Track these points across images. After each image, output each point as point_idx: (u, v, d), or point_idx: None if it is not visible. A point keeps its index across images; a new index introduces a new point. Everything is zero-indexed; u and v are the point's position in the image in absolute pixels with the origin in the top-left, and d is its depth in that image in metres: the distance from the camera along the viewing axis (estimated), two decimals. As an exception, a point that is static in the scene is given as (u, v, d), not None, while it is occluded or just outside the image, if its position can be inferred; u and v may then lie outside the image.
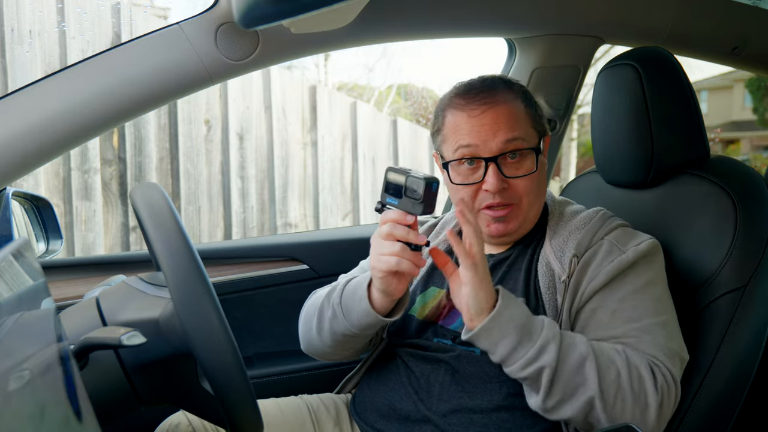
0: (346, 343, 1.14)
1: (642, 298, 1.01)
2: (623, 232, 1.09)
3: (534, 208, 1.13)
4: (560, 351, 0.93)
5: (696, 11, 1.62)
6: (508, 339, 0.93)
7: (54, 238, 1.49)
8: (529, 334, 0.93)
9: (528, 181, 1.09)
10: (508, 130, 1.07)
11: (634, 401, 0.93)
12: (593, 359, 0.93)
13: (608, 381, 0.93)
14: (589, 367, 0.93)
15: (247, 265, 1.62)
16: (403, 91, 9.85)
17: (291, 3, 0.97)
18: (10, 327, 0.48)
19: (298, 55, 1.31)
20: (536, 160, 1.10)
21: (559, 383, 0.93)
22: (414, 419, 1.07)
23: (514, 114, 1.09)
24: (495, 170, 1.06)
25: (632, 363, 0.95)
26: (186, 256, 0.77)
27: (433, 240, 1.28)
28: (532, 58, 1.63)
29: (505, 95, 1.11)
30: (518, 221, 1.11)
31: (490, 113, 1.07)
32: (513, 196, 1.09)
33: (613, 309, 1.01)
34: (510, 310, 0.93)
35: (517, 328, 0.93)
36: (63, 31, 2.93)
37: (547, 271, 1.08)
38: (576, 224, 1.11)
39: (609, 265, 1.03)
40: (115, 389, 0.84)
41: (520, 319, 0.94)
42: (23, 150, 1.09)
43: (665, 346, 0.98)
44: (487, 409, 1.03)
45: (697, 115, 1.22)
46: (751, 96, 14.74)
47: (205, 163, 3.70)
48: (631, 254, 1.04)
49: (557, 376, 0.93)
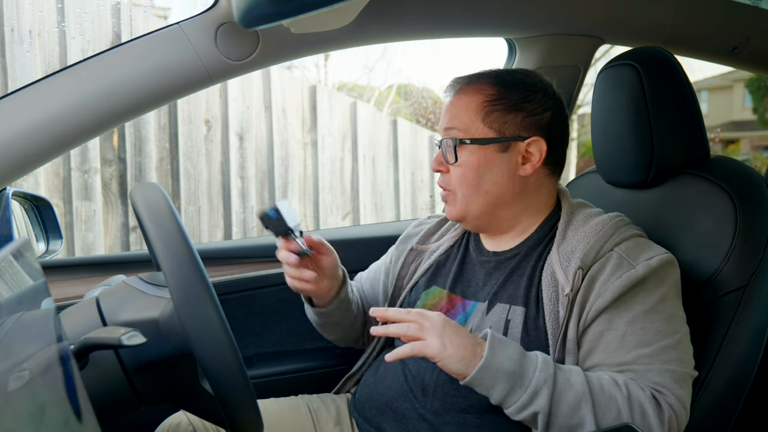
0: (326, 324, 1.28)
1: (653, 319, 0.98)
2: (635, 244, 1.03)
3: (474, 203, 1.11)
4: (554, 394, 0.92)
5: (696, 11, 1.62)
6: (500, 387, 0.92)
7: (54, 238, 1.49)
8: (521, 379, 0.92)
9: (457, 170, 1.11)
10: (450, 118, 1.13)
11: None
12: (589, 400, 0.92)
13: (607, 420, 0.92)
14: (585, 409, 0.92)
15: (247, 265, 1.61)
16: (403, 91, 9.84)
17: (291, 3, 0.97)
18: (10, 327, 0.48)
19: (298, 55, 1.31)
20: (455, 151, 1.10)
21: (555, 426, 0.93)
22: (410, 417, 1.08)
23: (463, 104, 1.12)
24: (438, 152, 1.15)
25: (634, 398, 0.93)
26: (186, 256, 0.77)
27: (439, 238, 1.29)
28: (532, 58, 1.63)
29: (471, 86, 1.13)
30: (456, 209, 1.14)
31: (451, 101, 1.15)
32: (448, 182, 1.14)
33: (623, 332, 0.97)
34: (498, 359, 0.92)
35: (508, 376, 0.92)
36: (63, 31, 2.93)
37: (551, 281, 1.04)
38: (586, 231, 1.06)
39: (617, 281, 0.98)
40: (115, 389, 0.84)
41: (510, 365, 0.92)
42: (23, 150, 1.09)
43: (676, 370, 0.96)
44: (481, 409, 1.02)
45: (697, 115, 1.22)
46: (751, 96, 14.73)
47: (205, 163, 3.70)
48: (642, 269, 0.98)
49: (552, 419, 0.92)
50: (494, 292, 1.10)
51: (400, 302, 1.24)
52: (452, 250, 1.24)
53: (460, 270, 1.19)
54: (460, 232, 1.26)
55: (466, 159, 1.10)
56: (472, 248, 1.20)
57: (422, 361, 1.10)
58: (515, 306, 1.06)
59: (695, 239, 1.13)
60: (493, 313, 1.07)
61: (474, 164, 1.10)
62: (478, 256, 1.18)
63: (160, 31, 1.17)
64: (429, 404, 1.06)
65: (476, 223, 1.16)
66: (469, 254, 1.20)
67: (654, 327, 0.97)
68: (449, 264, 1.21)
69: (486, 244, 1.19)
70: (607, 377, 0.95)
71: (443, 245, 1.25)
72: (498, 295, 1.09)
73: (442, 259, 1.23)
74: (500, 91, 1.11)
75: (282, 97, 4.12)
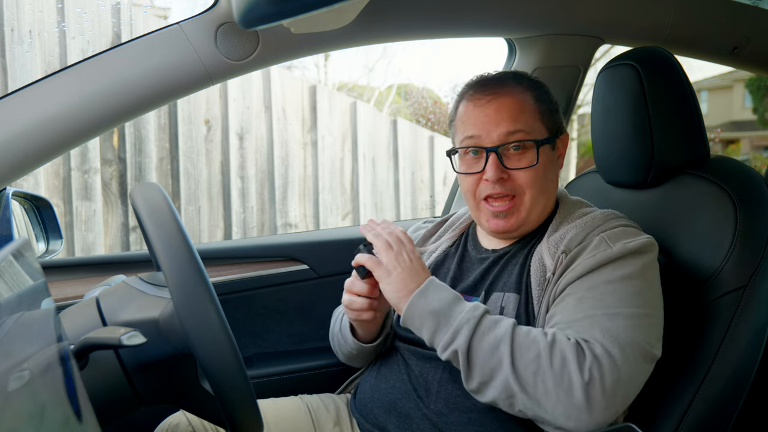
0: (360, 355, 1.25)
1: (614, 290, 0.96)
2: (622, 232, 1.04)
3: (539, 203, 1.12)
4: (475, 333, 0.94)
5: (696, 11, 1.62)
6: (427, 326, 0.97)
7: (54, 238, 1.49)
8: (446, 319, 0.96)
9: (529, 173, 1.09)
10: (511, 121, 1.08)
11: (555, 383, 0.89)
12: (509, 341, 0.92)
13: (524, 362, 0.90)
14: (503, 350, 0.92)
15: (247, 265, 1.62)
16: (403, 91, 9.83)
17: (291, 3, 0.97)
18: (10, 327, 0.48)
19: (298, 55, 1.31)
20: (537, 153, 1.09)
21: (475, 366, 0.93)
22: (413, 417, 1.08)
23: (519, 106, 1.09)
24: (494, 160, 1.08)
25: (557, 345, 0.91)
26: (186, 256, 0.77)
27: (437, 239, 1.30)
28: (532, 58, 1.63)
29: (512, 88, 1.11)
30: (519, 217, 1.11)
31: (494, 104, 1.10)
32: (514, 188, 1.10)
33: (581, 296, 0.98)
34: (427, 300, 0.97)
35: (434, 315, 0.96)
36: (63, 31, 2.93)
37: (539, 266, 1.06)
38: (577, 222, 1.09)
39: (590, 259, 1.00)
40: (115, 389, 0.84)
41: (438, 306, 0.97)
42: (23, 150, 1.09)
43: (620, 335, 0.92)
44: (485, 407, 1.02)
45: (697, 115, 1.22)
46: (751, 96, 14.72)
47: (205, 163, 3.70)
48: (618, 249, 1.00)
49: (471, 358, 0.93)
50: (490, 283, 1.12)
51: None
52: (450, 250, 1.25)
53: (459, 268, 1.19)
54: (458, 232, 1.27)
55: (540, 160, 1.10)
56: (471, 247, 1.22)
57: (425, 362, 1.11)
58: (509, 293, 1.08)
59: (695, 239, 1.13)
60: (490, 303, 1.09)
61: (545, 164, 1.11)
62: (476, 254, 1.20)
63: (160, 31, 1.17)
64: (432, 404, 1.07)
65: (526, 228, 1.14)
66: (468, 252, 1.22)
67: (613, 297, 0.96)
68: (448, 263, 1.22)
69: (484, 242, 1.21)
70: (536, 329, 0.96)
71: (441, 246, 1.26)
72: (494, 285, 1.11)
73: (440, 260, 1.24)
74: (536, 92, 1.13)
75: (282, 97, 4.12)
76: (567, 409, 0.88)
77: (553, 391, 0.89)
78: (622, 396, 0.90)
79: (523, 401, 0.91)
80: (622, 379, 0.90)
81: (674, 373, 1.07)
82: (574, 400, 0.88)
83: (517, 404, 0.92)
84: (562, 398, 0.88)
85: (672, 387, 1.07)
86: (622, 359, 0.90)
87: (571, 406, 0.88)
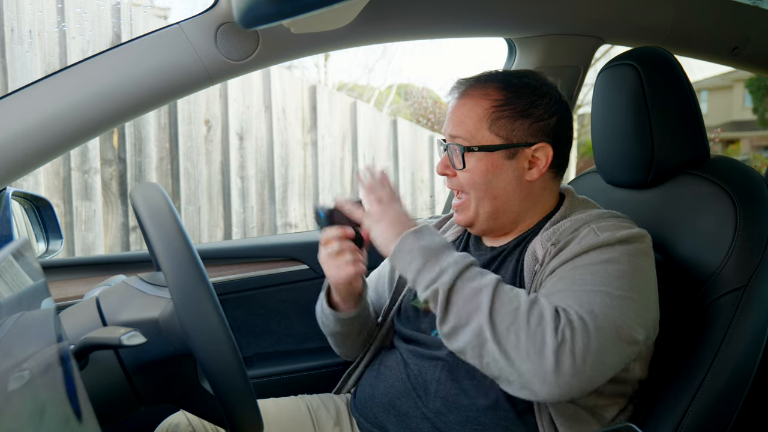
0: (346, 338, 1.26)
1: (595, 270, 0.96)
2: (613, 225, 1.03)
3: (484, 206, 1.12)
4: (459, 277, 0.94)
5: (696, 11, 1.62)
6: (416, 262, 0.97)
7: (54, 238, 1.49)
8: (435, 258, 0.97)
9: (466, 175, 1.11)
10: (455, 124, 1.13)
11: (528, 337, 0.88)
12: (491, 290, 0.92)
13: (503, 312, 0.90)
14: (484, 295, 0.91)
15: (247, 265, 1.62)
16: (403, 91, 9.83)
17: (291, 3, 0.97)
18: (10, 327, 0.48)
19: (298, 55, 1.31)
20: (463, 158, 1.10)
21: (453, 307, 0.93)
22: (412, 416, 1.08)
23: (468, 110, 1.11)
24: (444, 156, 1.16)
25: (538, 305, 0.91)
26: (186, 256, 0.77)
27: (442, 234, 1.30)
28: (532, 58, 1.63)
29: (476, 90, 1.12)
30: (467, 214, 1.14)
31: (455, 104, 1.15)
32: (460, 185, 1.14)
33: (561, 276, 0.98)
34: (419, 237, 1.00)
35: (424, 252, 0.97)
36: (63, 31, 2.93)
37: (531, 259, 1.07)
38: (573, 218, 1.09)
39: (576, 246, 1.00)
40: (115, 389, 0.84)
41: (430, 245, 0.99)
42: (23, 150, 1.09)
43: (594, 307, 0.91)
44: (483, 406, 1.03)
45: (697, 115, 1.22)
46: (751, 96, 14.72)
47: (205, 163, 3.70)
48: (604, 237, 0.99)
49: (451, 299, 0.93)
50: None
51: (401, 299, 1.25)
52: (454, 244, 1.26)
53: None
54: (461, 229, 1.27)
55: (473, 165, 1.10)
56: (472, 244, 1.23)
57: (424, 361, 1.11)
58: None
59: (695, 239, 1.13)
60: None
61: (482, 170, 1.10)
62: (476, 251, 1.21)
63: (160, 31, 1.17)
64: (431, 403, 1.07)
65: (483, 228, 1.16)
66: (469, 250, 1.22)
67: (593, 277, 0.95)
68: None
69: (485, 240, 1.22)
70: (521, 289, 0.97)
71: (448, 239, 1.26)
72: None
73: None
74: (507, 96, 1.10)
75: (282, 97, 4.12)
76: (534, 367, 0.87)
77: (524, 345, 0.88)
78: (592, 365, 0.87)
79: (493, 352, 0.89)
80: (592, 347, 0.88)
81: (674, 373, 1.07)
82: (543, 359, 0.86)
83: (486, 354, 0.90)
84: (532, 355, 0.87)
85: (672, 387, 1.07)
86: (594, 328, 0.89)
87: (540, 365, 0.87)
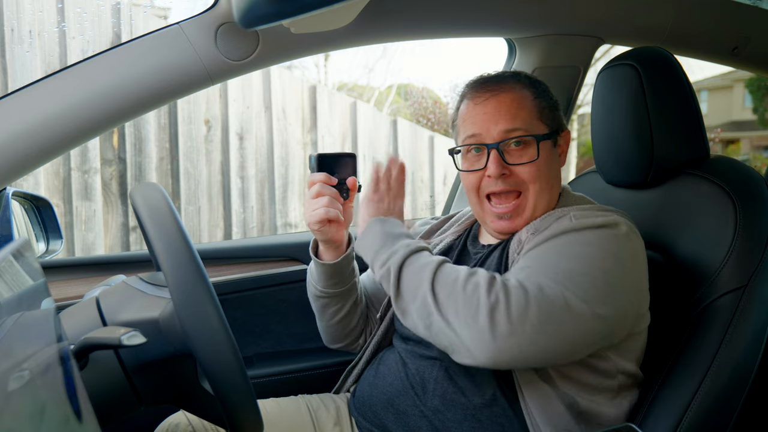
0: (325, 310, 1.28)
1: (561, 251, 0.97)
2: (591, 213, 1.04)
3: (542, 199, 1.12)
4: (408, 257, 1.00)
5: (696, 11, 1.62)
6: (375, 244, 1.05)
7: (54, 238, 1.49)
8: (392, 242, 1.03)
9: (531, 168, 1.10)
10: (510, 118, 1.10)
11: (464, 303, 0.91)
12: (434, 267, 0.97)
13: (442, 283, 0.94)
14: (428, 270, 0.97)
15: (247, 265, 1.62)
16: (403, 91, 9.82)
17: (291, 3, 0.97)
18: (10, 327, 0.48)
19: (298, 55, 1.31)
20: (538, 148, 1.10)
21: (402, 285, 0.98)
22: (410, 414, 1.09)
23: (517, 103, 1.10)
24: (496, 156, 1.10)
25: (476, 274, 0.94)
26: (186, 256, 0.77)
27: (442, 233, 1.31)
28: (532, 58, 1.63)
29: (511, 85, 1.13)
30: (524, 217, 1.11)
31: (493, 101, 1.11)
32: (517, 183, 1.11)
33: (528, 256, 1.00)
34: (384, 224, 1.07)
35: (384, 236, 1.05)
36: (63, 31, 2.93)
37: (516, 247, 1.08)
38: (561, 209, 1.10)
39: (549, 231, 1.01)
40: (115, 389, 0.84)
41: (391, 231, 1.06)
42: (23, 150, 1.09)
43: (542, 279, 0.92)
44: (480, 404, 1.03)
45: (697, 115, 1.22)
46: (751, 96, 14.71)
47: (205, 163, 3.70)
48: (577, 223, 1.00)
49: (401, 279, 0.99)
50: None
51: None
52: (455, 243, 1.27)
53: (458, 263, 1.21)
54: (463, 227, 1.29)
55: (541, 155, 1.11)
56: (470, 243, 1.24)
57: (422, 360, 1.11)
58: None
59: (695, 239, 1.13)
60: None
61: (546, 159, 1.12)
62: (473, 249, 1.22)
63: (160, 31, 1.17)
64: (429, 402, 1.07)
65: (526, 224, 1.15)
66: (466, 248, 1.24)
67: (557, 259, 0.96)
68: (450, 257, 1.24)
69: (482, 239, 1.23)
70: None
71: (445, 240, 1.28)
72: None
73: (443, 252, 1.26)
74: (535, 89, 1.14)
75: (282, 97, 4.12)
76: (473, 332, 0.89)
77: (462, 311, 0.91)
78: (533, 328, 0.88)
79: (438, 322, 0.93)
80: (532, 310, 0.89)
81: (674, 373, 1.07)
82: (478, 322, 0.89)
83: (433, 325, 0.94)
84: (468, 320, 0.90)
85: (672, 387, 1.07)
86: (535, 292, 0.90)
87: (476, 329, 0.89)
